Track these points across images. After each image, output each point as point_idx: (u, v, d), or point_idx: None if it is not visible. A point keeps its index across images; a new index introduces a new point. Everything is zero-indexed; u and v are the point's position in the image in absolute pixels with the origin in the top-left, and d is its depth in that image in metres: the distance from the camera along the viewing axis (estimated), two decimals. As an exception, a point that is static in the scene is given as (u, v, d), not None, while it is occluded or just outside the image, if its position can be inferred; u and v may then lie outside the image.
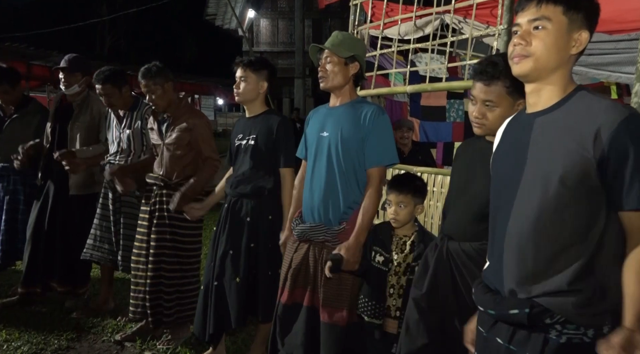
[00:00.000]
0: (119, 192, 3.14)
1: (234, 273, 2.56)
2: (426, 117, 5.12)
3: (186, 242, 2.98)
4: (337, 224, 2.23)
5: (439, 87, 3.63)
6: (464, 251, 1.78)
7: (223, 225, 2.66)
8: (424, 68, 4.81)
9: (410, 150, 4.68)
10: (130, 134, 3.27)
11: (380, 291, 2.18)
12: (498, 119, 1.63)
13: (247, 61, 2.65)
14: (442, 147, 5.22)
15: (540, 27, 1.30)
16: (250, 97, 2.66)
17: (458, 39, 3.33)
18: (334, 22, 17.61)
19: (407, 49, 3.92)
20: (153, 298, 2.92)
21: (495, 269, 1.37)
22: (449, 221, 1.89)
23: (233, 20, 16.90)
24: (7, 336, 3.10)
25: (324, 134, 2.29)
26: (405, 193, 2.19)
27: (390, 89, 4.42)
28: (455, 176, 1.94)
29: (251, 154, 2.60)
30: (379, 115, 2.22)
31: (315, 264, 2.26)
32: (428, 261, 1.92)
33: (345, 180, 2.23)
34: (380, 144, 2.21)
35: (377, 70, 4.02)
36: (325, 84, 2.27)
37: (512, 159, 1.37)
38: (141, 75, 2.94)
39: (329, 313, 2.21)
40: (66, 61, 3.46)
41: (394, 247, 2.21)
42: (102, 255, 3.35)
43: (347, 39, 2.29)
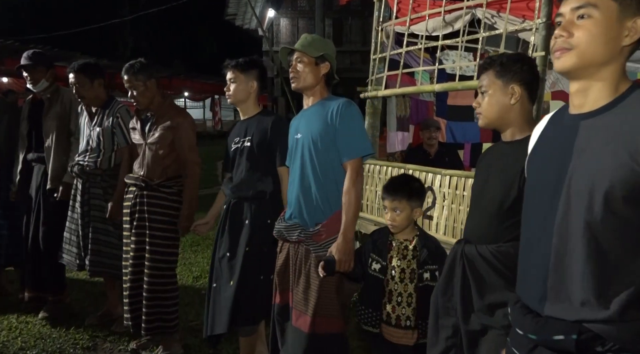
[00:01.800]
0: (88, 195, 3.15)
1: (229, 276, 2.53)
2: (453, 117, 4.93)
3: (166, 245, 2.90)
4: (312, 225, 2.20)
5: (470, 85, 3.42)
6: (480, 254, 1.68)
7: (222, 227, 2.63)
8: (452, 66, 4.63)
9: (436, 151, 4.50)
10: (100, 132, 3.17)
11: (377, 298, 2.11)
12: (490, 106, 1.68)
13: (235, 63, 2.62)
14: (470, 148, 5.01)
15: (585, 16, 1.14)
16: (241, 98, 2.63)
17: (491, 34, 3.12)
18: (354, 21, 17.44)
19: (434, 47, 3.74)
20: (133, 302, 2.88)
21: (534, 288, 1.22)
22: (467, 224, 1.82)
23: (253, 20, 16.83)
24: (22, 344, 3.03)
25: (298, 136, 2.31)
26: (400, 198, 2.08)
27: (417, 88, 4.25)
28: (475, 179, 1.87)
29: (247, 156, 2.56)
30: (345, 107, 2.19)
31: (293, 264, 2.27)
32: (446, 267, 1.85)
33: (319, 181, 2.20)
34: (349, 136, 2.18)
35: (402, 69, 3.86)
36: (297, 85, 2.28)
37: (552, 166, 1.20)
38: (124, 71, 2.88)
39: (296, 315, 2.22)
40: (27, 58, 3.34)
41: (395, 253, 2.11)
42: (70, 259, 3.27)
43: (317, 40, 2.33)
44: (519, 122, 1.68)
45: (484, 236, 1.68)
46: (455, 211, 3.45)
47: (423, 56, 4.30)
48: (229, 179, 2.67)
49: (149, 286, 2.84)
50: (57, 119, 3.35)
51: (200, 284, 4.15)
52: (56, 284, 3.41)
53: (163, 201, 2.87)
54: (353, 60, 16.95)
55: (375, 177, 4.01)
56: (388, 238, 2.15)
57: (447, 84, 3.58)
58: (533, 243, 1.24)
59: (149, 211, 2.85)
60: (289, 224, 2.27)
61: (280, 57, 2.39)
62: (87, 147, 3.21)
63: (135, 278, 2.88)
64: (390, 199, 2.09)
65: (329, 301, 2.16)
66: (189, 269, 4.50)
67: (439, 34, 3.76)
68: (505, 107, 1.67)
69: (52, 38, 16.96)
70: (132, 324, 2.91)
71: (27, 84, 3.35)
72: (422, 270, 2.06)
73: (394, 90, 3.99)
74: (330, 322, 2.16)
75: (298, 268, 2.24)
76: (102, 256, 3.16)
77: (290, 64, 2.30)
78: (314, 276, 2.16)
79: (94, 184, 3.18)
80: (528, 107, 1.69)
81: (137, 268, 2.88)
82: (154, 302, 2.86)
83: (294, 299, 2.24)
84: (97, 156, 3.17)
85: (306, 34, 2.36)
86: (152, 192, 2.86)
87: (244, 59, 2.65)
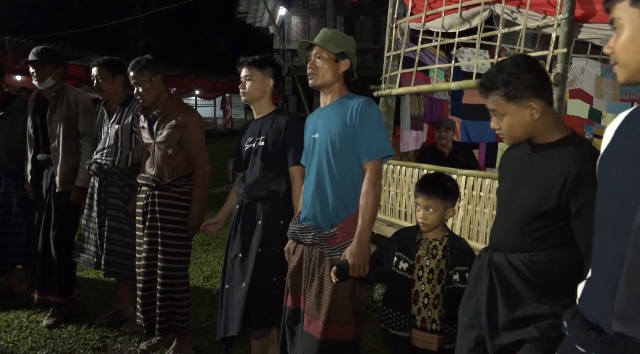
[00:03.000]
0: (105, 194, 3.11)
1: (241, 277, 2.48)
2: (468, 116, 4.84)
3: (178, 245, 2.86)
4: (327, 228, 2.14)
5: (487, 83, 3.33)
6: (510, 263, 1.59)
7: (235, 227, 2.58)
8: (468, 63, 4.53)
9: (450, 151, 4.42)
10: (119, 130, 3.12)
11: (404, 300, 2.03)
12: (511, 126, 1.57)
13: (252, 60, 2.56)
14: (485, 147, 4.91)
15: (617, 27, 1.13)
16: (257, 96, 2.56)
17: (510, 30, 3.03)
18: (366, 19, 17.33)
19: (448, 44, 3.66)
20: (146, 303, 2.84)
21: (602, 301, 1.12)
22: (495, 231, 1.73)
23: (264, 18, 16.81)
24: (32, 343, 3.00)
25: (315, 135, 2.24)
26: (435, 196, 2.03)
27: (432, 86, 4.16)
28: (501, 183, 1.77)
29: (261, 155, 2.50)
30: (365, 106, 2.12)
31: (306, 267, 2.21)
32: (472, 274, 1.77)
33: (336, 182, 2.13)
34: (369, 136, 2.10)
35: (417, 66, 3.78)
36: (315, 81, 2.20)
37: (633, 169, 1.09)
38: (130, 67, 2.84)
39: (307, 320, 2.15)
40: (35, 53, 3.27)
41: (424, 253, 2.05)
42: (87, 257, 3.22)
43: (337, 35, 2.23)
44: (547, 127, 1.57)
45: (515, 245, 1.59)
46: (472, 211, 3.37)
47: (437, 54, 4.22)
48: (241, 179, 2.62)
49: (162, 286, 2.81)
50: (63, 120, 3.28)
51: (211, 284, 4.10)
52: (66, 287, 3.36)
53: (174, 201, 2.83)
54: (364, 59, 16.82)
55: (388, 177, 3.94)
56: (416, 237, 2.08)
57: (464, 82, 3.49)
58: (603, 253, 1.15)
59: (160, 211, 2.81)
60: (303, 226, 2.21)
61: (299, 52, 2.30)
62: (105, 145, 3.16)
63: (148, 279, 2.85)
64: (424, 197, 2.02)
65: (342, 306, 2.09)
66: (200, 269, 4.46)
67: (455, 30, 3.68)
68: (528, 124, 1.56)
69: (65, 37, 17.06)
70: (145, 324, 2.88)
71: (33, 81, 3.28)
72: (452, 271, 1.99)
73: (409, 88, 3.91)
74: (343, 328, 2.09)
75: (311, 271, 2.17)
76: (116, 256, 3.12)
77: (308, 59, 2.22)
78: (328, 280, 2.09)
79: (111, 182, 3.14)
80: (551, 110, 1.59)
81: (150, 268, 2.85)
82: (167, 302, 2.83)
83: (306, 303, 2.17)
84: (115, 154, 3.13)
85: (326, 29, 2.27)
86: (164, 192, 2.82)
87: (260, 56, 2.59)
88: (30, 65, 3.24)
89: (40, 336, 3.09)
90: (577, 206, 1.45)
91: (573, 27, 2.75)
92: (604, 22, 2.79)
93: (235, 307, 2.45)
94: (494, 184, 3.19)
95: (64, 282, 3.34)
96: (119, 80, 3.18)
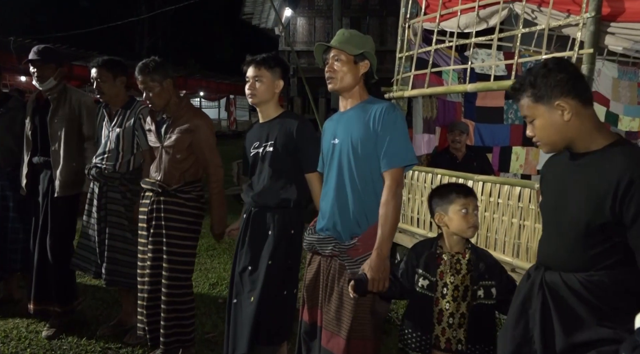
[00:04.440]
0: (105, 199, 2.98)
1: (250, 291, 2.35)
2: (482, 119, 4.70)
3: (181, 253, 2.73)
4: (347, 238, 2.03)
5: (505, 85, 3.20)
6: (565, 283, 1.46)
7: (242, 238, 2.45)
8: (485, 64, 4.39)
9: (464, 155, 4.28)
10: (120, 133, 2.98)
11: (425, 319, 1.90)
12: (544, 130, 1.50)
13: (260, 59, 2.41)
14: (499, 152, 4.78)
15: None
16: (266, 98, 2.42)
17: (531, 30, 2.90)
18: (372, 21, 17.21)
19: (461, 45, 3.53)
20: (150, 314, 2.72)
21: None
22: (544, 248, 1.60)
23: (270, 19, 16.70)
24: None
25: (335, 141, 2.12)
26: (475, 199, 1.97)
27: (447, 88, 4.03)
28: (545, 197, 1.65)
29: (270, 161, 2.37)
30: (389, 112, 2.01)
31: (324, 280, 2.10)
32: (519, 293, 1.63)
33: (357, 190, 2.02)
34: (392, 143, 1.99)
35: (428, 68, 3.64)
36: (334, 86, 2.09)
37: None
38: (138, 70, 2.71)
39: (327, 336, 2.04)
40: (36, 52, 3.15)
41: (448, 268, 1.90)
42: (86, 266, 3.09)
43: (355, 36, 2.11)
44: (586, 131, 1.46)
45: (569, 263, 1.46)
46: (489, 219, 3.23)
47: (450, 55, 4.08)
48: (248, 187, 2.49)
49: (167, 297, 2.69)
50: (66, 122, 3.16)
51: (216, 292, 3.97)
52: (65, 296, 3.24)
53: (181, 208, 2.71)
54: (370, 60, 16.79)
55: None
56: (436, 251, 1.94)
57: (481, 84, 3.36)
58: None
59: (166, 217, 2.69)
60: (322, 236, 2.09)
61: (315, 55, 2.18)
62: (105, 149, 3.03)
63: (152, 289, 2.72)
64: (474, 199, 1.94)
65: (364, 322, 1.97)
66: (205, 276, 4.33)
67: (471, 30, 3.55)
68: (561, 126, 1.46)
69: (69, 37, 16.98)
70: (150, 336, 2.76)
71: (34, 81, 3.16)
72: (477, 287, 1.86)
73: (422, 90, 3.77)
74: (365, 345, 1.97)
75: (330, 284, 2.05)
76: (119, 265, 2.99)
77: (326, 62, 2.11)
78: (348, 294, 1.96)
79: (112, 188, 3.00)
80: (588, 112, 1.47)
81: (155, 277, 2.72)
82: (172, 314, 2.71)
83: (325, 319, 2.05)
84: (116, 159, 3.00)
85: (343, 29, 2.15)
86: (170, 198, 2.70)
87: (268, 54, 2.45)
88: (31, 65, 3.12)
89: (40, 348, 2.97)
90: (631, 215, 1.32)
91: (600, 26, 2.60)
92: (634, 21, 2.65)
93: (244, 323, 2.32)
94: (512, 191, 3.06)
95: (63, 291, 3.22)
96: (120, 82, 3.04)
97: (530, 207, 2.93)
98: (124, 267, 2.98)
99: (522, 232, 2.99)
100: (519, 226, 3.01)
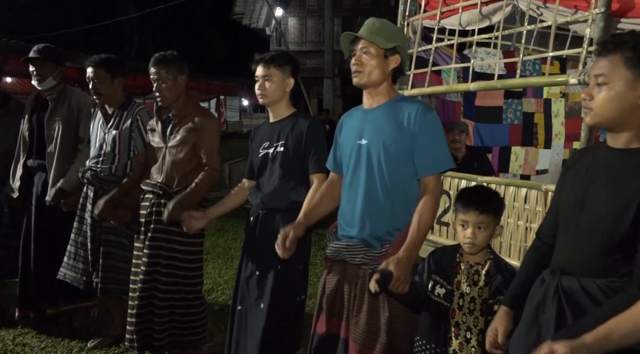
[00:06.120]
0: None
1: (258, 297, 2.26)
2: (481, 119, 4.62)
3: (185, 260, 2.62)
4: (378, 246, 1.90)
5: (510, 84, 3.12)
6: (584, 290, 1.36)
7: (250, 242, 2.36)
8: (482, 63, 4.32)
9: (464, 156, 4.20)
10: (117, 136, 2.87)
11: (440, 331, 1.78)
12: (606, 103, 1.33)
13: (270, 57, 2.31)
14: (498, 152, 4.71)
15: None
16: (277, 98, 2.34)
17: (538, 27, 2.81)
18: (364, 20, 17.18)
19: (460, 43, 3.44)
20: (141, 321, 2.60)
21: None
22: (561, 250, 1.48)
23: (260, 19, 16.61)
24: (18, 369, 2.73)
25: (362, 142, 1.95)
26: (488, 212, 1.77)
27: (449, 87, 3.94)
28: (565, 193, 1.52)
29: (281, 162, 2.28)
30: (425, 114, 1.86)
31: (350, 289, 1.95)
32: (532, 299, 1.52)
33: (390, 195, 1.89)
34: (433, 148, 1.87)
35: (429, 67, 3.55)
36: (360, 80, 1.92)
37: None
38: (154, 61, 2.61)
39: (357, 350, 1.89)
40: (36, 51, 3.06)
41: (464, 278, 1.79)
42: (75, 276, 2.96)
43: (387, 27, 1.93)
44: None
45: (589, 267, 1.37)
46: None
47: (448, 53, 4.00)
48: (256, 189, 2.38)
49: (162, 302, 2.58)
50: (63, 123, 3.06)
51: (212, 298, 3.85)
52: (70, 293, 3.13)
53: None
54: (362, 61, 16.75)
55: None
56: (455, 258, 1.82)
57: (485, 83, 3.27)
58: None
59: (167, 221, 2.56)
60: (351, 243, 1.94)
61: (342, 45, 2.01)
62: (100, 152, 2.91)
63: (146, 295, 2.60)
64: (476, 213, 1.75)
65: (400, 334, 1.85)
66: (199, 281, 4.20)
67: (473, 28, 3.46)
68: (630, 106, 1.32)
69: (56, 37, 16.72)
70: (138, 345, 2.61)
71: (33, 80, 3.07)
72: (493, 300, 1.74)
73: (423, 89, 3.68)
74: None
75: (359, 294, 1.91)
76: (115, 272, 2.86)
77: (352, 54, 1.93)
78: (383, 305, 1.85)
79: (107, 192, 2.87)
80: None
81: (150, 283, 2.59)
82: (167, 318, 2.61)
83: (354, 330, 1.91)
84: (112, 161, 2.88)
85: (373, 19, 1.96)
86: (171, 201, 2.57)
87: (277, 52, 2.36)
88: (31, 63, 3.03)
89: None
90: None
91: (610, 23, 2.52)
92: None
93: (252, 332, 2.22)
94: (519, 193, 2.98)
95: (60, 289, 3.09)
96: (118, 83, 2.93)
97: (537, 209, 2.85)
98: (120, 274, 2.85)
99: (529, 235, 2.92)
100: (525, 228, 2.94)
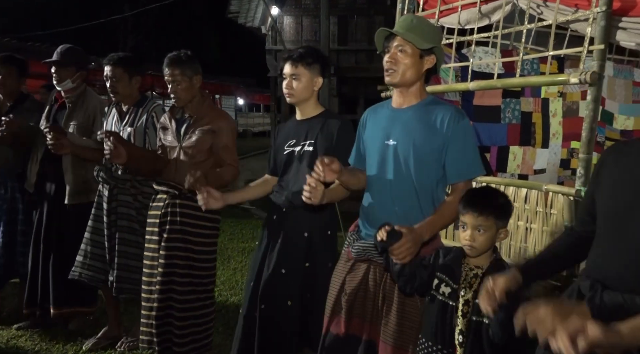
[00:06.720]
0: (115, 203, 2.82)
1: (286, 295, 2.24)
2: (479, 118, 4.60)
3: (201, 259, 2.62)
4: None
5: (509, 83, 3.11)
6: (629, 307, 1.25)
7: (272, 240, 2.32)
8: (483, 62, 4.30)
9: (462, 155, 4.18)
10: (132, 133, 2.86)
11: (445, 331, 1.72)
12: None
13: (298, 55, 2.27)
14: (496, 151, 4.69)
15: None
16: (305, 97, 2.32)
17: (537, 25, 2.79)
18: (360, 19, 17.09)
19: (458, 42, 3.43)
20: (161, 324, 2.57)
21: None
22: (601, 260, 1.37)
23: (256, 18, 16.52)
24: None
25: (390, 142, 1.92)
26: (487, 214, 1.70)
27: (448, 86, 3.92)
28: (606, 193, 1.42)
29: (309, 161, 2.24)
30: (459, 119, 1.86)
31: (376, 289, 1.93)
32: None
33: (417, 199, 1.89)
34: (465, 154, 1.87)
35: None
36: (393, 79, 1.88)
37: None
38: (168, 62, 2.59)
39: (389, 351, 1.87)
40: (58, 53, 3.07)
41: (463, 280, 1.74)
42: (93, 275, 2.94)
43: (424, 24, 1.89)
44: None
45: (636, 283, 1.27)
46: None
47: (448, 52, 3.98)
48: (280, 187, 2.36)
49: (182, 305, 2.57)
50: (77, 128, 3.06)
51: (218, 301, 3.79)
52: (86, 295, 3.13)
53: (197, 211, 2.54)
54: (359, 60, 16.58)
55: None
56: (460, 259, 1.78)
57: (485, 82, 3.25)
58: None
59: (182, 221, 2.56)
60: None
61: (376, 42, 1.96)
62: None
63: (164, 297, 2.56)
64: (474, 215, 1.69)
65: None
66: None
67: (472, 27, 3.45)
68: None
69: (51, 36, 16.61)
70: (159, 349, 2.59)
71: (53, 81, 3.07)
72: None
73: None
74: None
75: (388, 294, 1.90)
76: (131, 272, 2.83)
77: (386, 50, 1.89)
78: (411, 303, 1.87)
79: (122, 190, 2.86)
80: None
81: (168, 285, 2.57)
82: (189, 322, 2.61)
83: (384, 331, 1.89)
84: None
85: (410, 15, 1.96)
86: (186, 201, 2.57)
87: (306, 50, 2.31)
88: (53, 65, 3.02)
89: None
90: None
91: (611, 21, 2.51)
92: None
93: (285, 327, 2.23)
94: (519, 193, 2.96)
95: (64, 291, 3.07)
96: (135, 81, 2.92)
97: (538, 209, 2.84)
98: (134, 273, 2.82)
99: (529, 235, 2.91)
100: (525, 229, 2.93)
